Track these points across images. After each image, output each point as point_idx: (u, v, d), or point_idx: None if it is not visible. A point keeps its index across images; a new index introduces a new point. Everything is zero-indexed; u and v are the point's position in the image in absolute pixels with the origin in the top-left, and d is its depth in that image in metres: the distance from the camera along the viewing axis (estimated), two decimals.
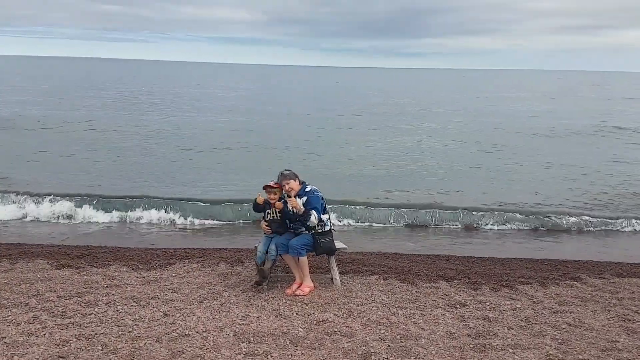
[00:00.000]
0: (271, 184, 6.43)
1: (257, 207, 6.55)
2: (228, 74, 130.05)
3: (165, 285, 6.50)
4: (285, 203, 6.38)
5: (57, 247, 8.50)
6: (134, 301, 5.92)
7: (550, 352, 4.95)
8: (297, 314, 5.67)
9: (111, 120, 27.60)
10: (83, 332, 5.07)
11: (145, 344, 4.89)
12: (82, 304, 5.78)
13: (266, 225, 6.48)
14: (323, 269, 7.09)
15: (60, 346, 4.79)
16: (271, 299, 6.08)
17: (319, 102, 46.06)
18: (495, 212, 11.46)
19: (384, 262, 7.80)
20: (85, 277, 6.75)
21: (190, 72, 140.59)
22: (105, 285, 6.42)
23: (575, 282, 7.06)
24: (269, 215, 6.49)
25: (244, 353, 4.76)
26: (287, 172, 6.41)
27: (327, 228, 6.41)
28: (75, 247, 8.57)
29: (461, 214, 11.32)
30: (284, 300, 6.03)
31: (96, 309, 5.65)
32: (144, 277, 6.80)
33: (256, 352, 4.78)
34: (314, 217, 6.17)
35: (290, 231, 6.51)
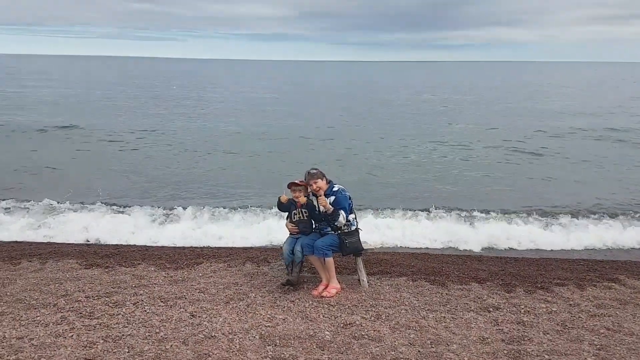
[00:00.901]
0: (297, 181, 6.35)
1: (282, 206, 6.49)
2: (263, 71, 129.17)
3: (192, 285, 6.49)
4: (309, 198, 6.31)
5: (86, 247, 8.60)
6: (162, 301, 5.92)
7: (589, 359, 4.74)
8: (323, 316, 5.57)
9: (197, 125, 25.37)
10: (110, 334, 5.07)
11: (171, 345, 4.86)
12: (110, 304, 5.80)
13: (293, 226, 6.39)
14: (350, 269, 6.96)
15: (87, 348, 4.80)
16: (297, 300, 6.00)
17: (373, 99, 43.90)
18: (531, 211, 11.11)
19: (413, 262, 7.61)
20: (113, 276, 6.79)
21: (231, 70, 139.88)
22: (133, 285, 6.45)
23: (613, 284, 6.78)
24: (295, 216, 6.41)
25: (270, 357, 4.69)
26: (315, 171, 6.30)
27: (353, 228, 6.30)
28: (104, 246, 8.65)
29: (494, 214, 11.01)
30: (311, 302, 5.94)
31: (124, 310, 5.66)
32: (172, 277, 6.80)
33: (282, 355, 4.70)
34: (342, 217, 6.08)
35: (315, 231, 6.41)
